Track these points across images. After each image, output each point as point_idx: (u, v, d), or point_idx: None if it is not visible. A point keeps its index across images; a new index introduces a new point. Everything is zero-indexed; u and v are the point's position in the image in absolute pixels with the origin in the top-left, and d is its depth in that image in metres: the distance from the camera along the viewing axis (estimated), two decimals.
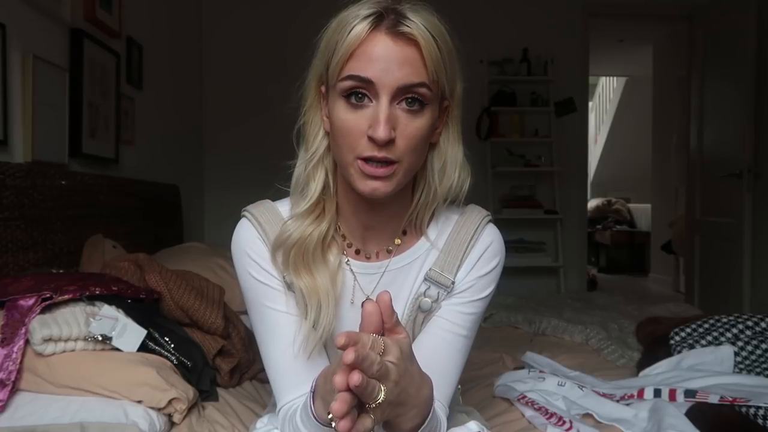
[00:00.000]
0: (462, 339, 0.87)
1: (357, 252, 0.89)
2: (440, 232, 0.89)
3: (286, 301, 0.85)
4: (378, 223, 0.87)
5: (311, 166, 0.84)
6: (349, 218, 0.87)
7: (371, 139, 0.74)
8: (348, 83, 0.75)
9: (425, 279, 0.87)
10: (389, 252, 0.89)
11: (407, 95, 0.75)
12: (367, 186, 0.76)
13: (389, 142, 0.74)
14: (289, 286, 0.85)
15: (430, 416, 0.72)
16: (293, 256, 0.83)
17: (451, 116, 0.84)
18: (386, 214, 0.86)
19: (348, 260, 0.88)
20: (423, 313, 0.87)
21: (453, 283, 0.87)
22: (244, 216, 0.89)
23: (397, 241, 0.89)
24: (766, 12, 3.31)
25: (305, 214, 0.84)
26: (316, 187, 0.84)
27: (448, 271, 0.87)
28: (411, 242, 0.89)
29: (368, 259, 0.89)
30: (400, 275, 0.88)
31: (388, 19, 0.74)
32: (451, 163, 0.84)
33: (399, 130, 0.75)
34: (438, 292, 0.87)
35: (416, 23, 0.74)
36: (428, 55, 0.74)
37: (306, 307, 0.83)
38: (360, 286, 0.88)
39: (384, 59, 0.73)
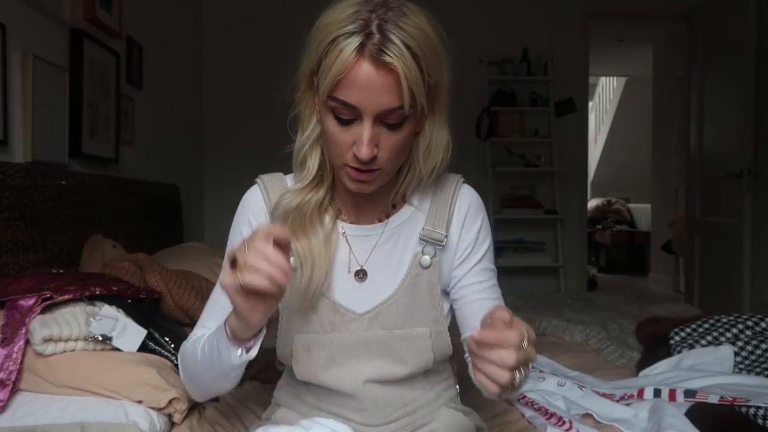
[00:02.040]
0: (494, 286, 0.98)
1: (351, 223, 0.96)
2: (422, 199, 0.97)
3: None
4: (369, 203, 0.95)
5: (308, 146, 0.90)
6: (342, 194, 0.95)
7: (355, 155, 0.81)
8: (334, 104, 0.80)
9: (420, 239, 0.94)
10: (380, 221, 0.96)
11: (389, 116, 0.79)
12: (353, 186, 0.86)
13: (373, 158, 0.81)
14: None
15: None
16: (292, 220, 0.90)
17: (438, 104, 0.88)
18: (376, 195, 0.93)
19: (342, 225, 0.95)
20: (424, 269, 0.94)
21: (446, 236, 0.94)
22: (255, 182, 0.98)
23: (387, 212, 0.96)
24: (766, 12, 3.31)
25: (305, 188, 0.91)
26: (313, 164, 0.90)
27: (439, 227, 0.95)
28: (398, 210, 0.97)
29: (360, 224, 0.96)
30: (391, 239, 0.95)
31: (371, 44, 0.75)
32: (436, 146, 0.90)
33: (381, 144, 0.81)
34: (434, 249, 0.95)
35: (399, 47, 0.75)
36: (406, 82, 0.76)
37: (302, 269, 0.90)
38: (355, 256, 0.94)
39: (367, 87, 0.77)
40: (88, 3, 2.13)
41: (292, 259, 0.92)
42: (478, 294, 0.95)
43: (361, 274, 0.94)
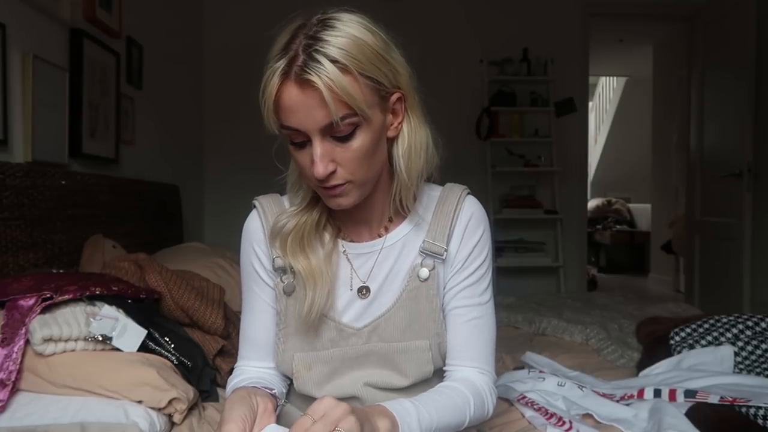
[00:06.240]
0: (480, 307, 0.95)
1: (351, 241, 0.96)
2: (426, 208, 0.95)
3: (267, 292, 0.96)
4: (365, 215, 0.94)
5: (298, 173, 0.91)
6: (338, 211, 0.93)
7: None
8: (284, 131, 0.81)
9: (420, 251, 0.93)
10: (380, 236, 0.95)
11: (333, 131, 0.78)
12: (331, 203, 0.86)
13: (332, 173, 0.81)
14: (281, 271, 0.93)
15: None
16: (290, 242, 0.90)
17: (409, 104, 0.87)
18: (370, 207, 0.93)
19: (343, 244, 0.95)
20: (423, 282, 0.93)
21: (446, 250, 0.93)
22: (254, 205, 0.97)
23: (387, 224, 0.95)
24: (766, 12, 3.32)
25: (300, 211, 0.92)
26: (306, 186, 0.91)
27: (440, 240, 0.93)
28: (399, 222, 0.96)
29: (361, 241, 0.96)
30: (392, 253, 0.94)
31: (295, 66, 0.76)
32: (416, 150, 0.87)
33: (337, 158, 0.81)
34: (434, 262, 0.93)
35: (320, 62, 0.75)
36: (330, 94, 0.75)
37: (304, 289, 0.89)
38: (357, 274, 0.94)
39: (299, 108, 0.77)
40: (88, 3, 2.13)
41: (286, 284, 0.93)
42: (460, 311, 0.94)
43: (364, 291, 0.93)
